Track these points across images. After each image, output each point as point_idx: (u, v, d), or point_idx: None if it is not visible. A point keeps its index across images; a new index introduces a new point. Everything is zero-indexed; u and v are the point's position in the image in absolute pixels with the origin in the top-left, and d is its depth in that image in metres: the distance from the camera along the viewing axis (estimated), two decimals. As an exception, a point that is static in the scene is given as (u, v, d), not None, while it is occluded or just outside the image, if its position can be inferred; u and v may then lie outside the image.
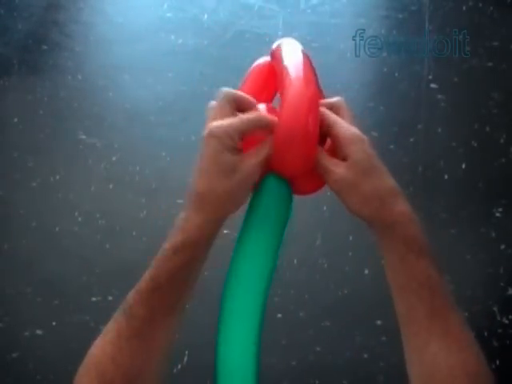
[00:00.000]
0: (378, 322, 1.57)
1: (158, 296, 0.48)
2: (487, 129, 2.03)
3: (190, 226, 0.47)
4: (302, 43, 0.54)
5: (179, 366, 1.53)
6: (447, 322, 0.48)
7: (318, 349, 1.56)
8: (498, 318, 1.60)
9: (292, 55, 0.54)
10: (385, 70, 2.21)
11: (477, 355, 0.48)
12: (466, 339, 0.49)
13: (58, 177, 1.94)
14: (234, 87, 0.53)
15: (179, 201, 1.81)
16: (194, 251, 0.48)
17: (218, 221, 0.49)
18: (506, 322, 1.60)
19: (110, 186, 1.91)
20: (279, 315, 1.59)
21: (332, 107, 0.52)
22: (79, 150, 2.01)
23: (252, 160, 0.49)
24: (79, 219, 1.84)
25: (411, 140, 2.00)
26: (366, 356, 1.53)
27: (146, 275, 0.49)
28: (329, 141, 0.53)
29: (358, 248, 1.70)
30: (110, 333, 0.49)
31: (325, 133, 0.51)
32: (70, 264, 1.74)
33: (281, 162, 0.51)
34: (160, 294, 0.48)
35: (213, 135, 0.47)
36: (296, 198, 0.55)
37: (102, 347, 0.48)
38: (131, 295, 0.49)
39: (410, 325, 0.49)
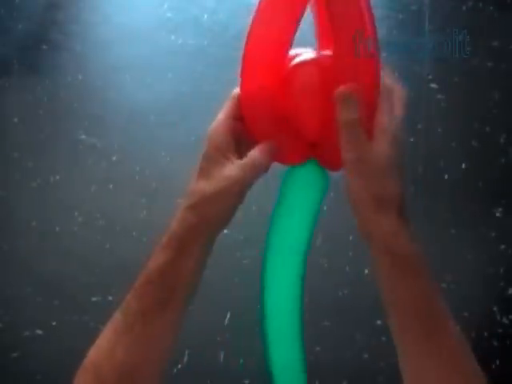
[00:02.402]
0: (378, 322, 1.57)
1: (149, 290, 0.48)
2: (487, 129, 2.03)
3: (175, 222, 0.49)
4: (302, 43, 0.53)
5: (179, 366, 1.53)
6: (442, 339, 0.46)
7: (317, 349, 1.56)
8: (498, 318, 1.60)
9: None
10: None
11: (472, 377, 0.46)
12: (462, 357, 0.47)
13: (58, 177, 1.94)
14: (234, 87, 0.53)
15: (179, 201, 1.81)
16: (180, 248, 0.48)
17: (202, 222, 0.48)
18: (506, 321, 1.60)
19: (110, 186, 1.91)
20: (279, 315, 1.59)
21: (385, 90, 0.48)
22: (79, 150, 2.01)
23: (236, 170, 0.48)
24: (79, 219, 1.84)
25: (411, 140, 2.00)
26: (365, 356, 1.53)
27: (142, 270, 0.50)
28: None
29: (357, 248, 1.70)
30: (106, 330, 0.49)
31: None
32: (70, 264, 1.74)
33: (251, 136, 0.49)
34: (151, 288, 0.48)
35: (207, 135, 0.49)
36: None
37: (98, 344, 0.49)
38: (128, 291, 0.50)
39: (404, 345, 0.47)
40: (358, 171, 0.46)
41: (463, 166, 1.93)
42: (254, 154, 0.48)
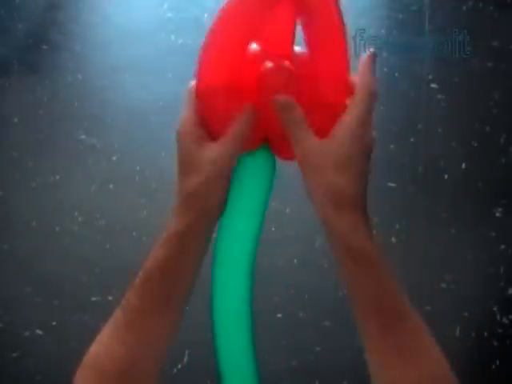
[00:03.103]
0: (378, 322, 1.57)
1: (148, 287, 0.48)
2: (487, 129, 2.03)
3: (172, 219, 0.49)
4: (302, 43, 0.53)
5: (179, 366, 1.53)
6: (401, 335, 0.45)
7: (317, 349, 1.56)
8: (498, 318, 1.60)
9: None
10: (385, 69, 2.21)
11: (436, 367, 0.46)
12: (424, 351, 0.46)
13: (57, 177, 1.94)
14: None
15: (173, 201, 1.81)
16: (179, 244, 0.48)
17: (200, 215, 0.48)
18: (506, 321, 1.60)
19: (110, 186, 1.91)
20: (279, 315, 1.59)
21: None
22: (79, 150, 2.01)
23: (217, 149, 0.47)
24: (79, 219, 1.84)
25: (411, 140, 2.00)
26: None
27: (142, 267, 0.50)
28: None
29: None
30: (107, 327, 0.49)
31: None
32: (70, 264, 1.74)
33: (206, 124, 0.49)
34: (151, 284, 0.48)
35: (177, 133, 0.49)
36: (296, 197, 0.54)
37: (99, 341, 0.49)
38: (128, 289, 0.50)
39: (365, 339, 0.47)
40: (305, 167, 0.46)
41: (463, 166, 1.93)
42: (232, 127, 0.47)
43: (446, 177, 1.90)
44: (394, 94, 2.15)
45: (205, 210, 0.48)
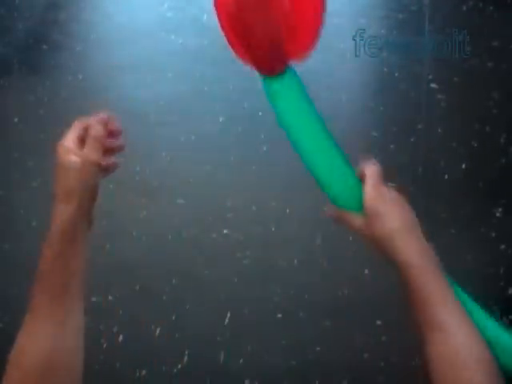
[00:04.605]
0: (378, 322, 1.57)
1: (38, 288, 0.56)
2: (487, 129, 2.03)
3: (53, 220, 0.61)
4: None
5: (179, 366, 1.53)
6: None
7: (317, 349, 1.56)
8: (498, 318, 1.60)
9: None
10: (385, 69, 2.21)
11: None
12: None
13: (58, 177, 1.94)
14: (234, 87, 0.53)
15: (179, 201, 1.81)
16: (64, 241, 0.58)
17: (70, 209, 0.58)
18: (506, 322, 1.60)
19: (110, 186, 1.91)
20: (279, 315, 1.59)
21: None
22: (79, 149, 2.01)
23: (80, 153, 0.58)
24: (79, 219, 1.84)
25: (411, 140, 2.00)
26: (365, 356, 1.53)
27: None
28: None
29: (357, 248, 1.70)
30: (20, 330, 0.56)
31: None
32: (70, 264, 1.74)
33: None
34: (40, 285, 0.56)
35: (57, 149, 0.59)
36: (296, 197, 0.54)
37: (17, 341, 0.56)
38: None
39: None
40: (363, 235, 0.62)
41: (463, 166, 1.93)
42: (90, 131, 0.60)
43: (446, 177, 1.90)
44: (394, 94, 2.15)
45: (77, 203, 0.59)
